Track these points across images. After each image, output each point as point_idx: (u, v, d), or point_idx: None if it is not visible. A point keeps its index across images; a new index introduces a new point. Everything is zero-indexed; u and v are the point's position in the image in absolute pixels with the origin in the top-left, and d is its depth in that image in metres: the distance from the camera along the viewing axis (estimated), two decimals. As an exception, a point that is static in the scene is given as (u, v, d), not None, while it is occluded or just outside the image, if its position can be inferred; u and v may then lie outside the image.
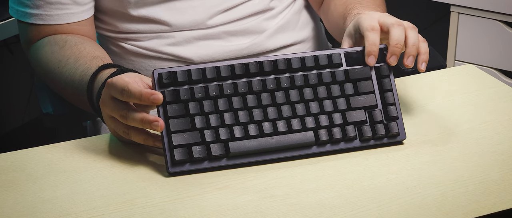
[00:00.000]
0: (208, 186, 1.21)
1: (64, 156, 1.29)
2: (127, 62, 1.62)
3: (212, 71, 1.27)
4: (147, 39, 1.60)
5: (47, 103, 1.58)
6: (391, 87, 1.32)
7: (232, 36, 1.62)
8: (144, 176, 1.24)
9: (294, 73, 1.30)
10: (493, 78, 1.50)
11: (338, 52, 1.32)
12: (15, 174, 1.25)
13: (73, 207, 1.17)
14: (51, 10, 1.52)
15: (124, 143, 1.31)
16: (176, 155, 1.23)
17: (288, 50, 1.67)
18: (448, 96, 1.44)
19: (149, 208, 1.17)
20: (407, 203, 1.17)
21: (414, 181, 1.21)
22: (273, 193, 1.19)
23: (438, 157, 1.27)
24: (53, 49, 1.50)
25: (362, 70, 1.32)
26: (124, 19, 1.59)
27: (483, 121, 1.37)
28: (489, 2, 2.47)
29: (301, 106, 1.28)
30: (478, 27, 2.53)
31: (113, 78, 1.26)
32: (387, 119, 1.31)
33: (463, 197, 1.18)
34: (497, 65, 2.56)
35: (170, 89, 1.25)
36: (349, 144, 1.29)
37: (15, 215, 1.16)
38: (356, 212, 1.15)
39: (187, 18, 1.58)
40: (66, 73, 1.45)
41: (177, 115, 1.25)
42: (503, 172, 1.23)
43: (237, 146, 1.25)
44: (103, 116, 1.30)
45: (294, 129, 1.27)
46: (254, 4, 1.63)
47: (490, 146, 1.30)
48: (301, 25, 1.69)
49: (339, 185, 1.21)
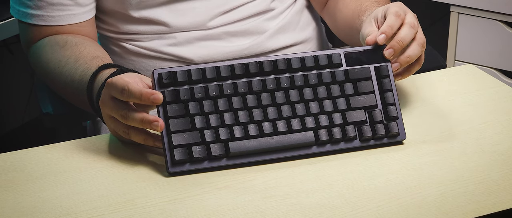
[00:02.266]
0: (208, 186, 1.21)
1: (64, 156, 1.29)
2: (128, 62, 1.62)
3: (212, 71, 1.27)
4: (148, 40, 1.60)
5: (47, 103, 1.58)
6: (391, 87, 1.32)
7: (233, 36, 1.62)
8: (144, 176, 1.24)
9: (294, 73, 1.30)
10: (493, 78, 1.50)
11: (338, 52, 1.32)
12: (15, 174, 1.25)
13: (73, 207, 1.17)
14: (52, 11, 1.52)
15: (124, 143, 1.31)
16: (176, 155, 1.23)
17: (289, 50, 1.67)
18: (448, 96, 1.44)
19: (149, 208, 1.17)
20: (407, 203, 1.17)
21: (414, 181, 1.21)
22: (273, 193, 1.19)
23: (438, 157, 1.27)
24: (53, 49, 1.50)
25: (362, 70, 1.32)
26: (125, 20, 1.59)
27: (483, 121, 1.37)
28: (489, 2, 2.47)
29: (301, 106, 1.28)
30: (478, 27, 2.53)
31: (113, 78, 1.26)
32: (387, 119, 1.31)
33: (463, 197, 1.18)
34: (497, 65, 2.56)
35: (170, 89, 1.25)
36: (349, 144, 1.29)
37: (15, 215, 1.16)
38: (356, 212, 1.15)
39: (188, 19, 1.58)
40: (66, 73, 1.45)
41: (177, 115, 1.25)
42: (503, 172, 1.23)
43: (237, 146, 1.25)
44: (103, 116, 1.30)
45: (294, 129, 1.27)
46: (255, 5, 1.62)
47: (490, 146, 1.30)
48: (302, 26, 1.69)
49: (339, 185, 1.21)
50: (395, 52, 1.31)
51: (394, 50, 1.31)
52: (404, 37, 1.31)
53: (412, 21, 1.33)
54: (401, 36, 1.31)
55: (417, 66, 1.35)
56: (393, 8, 1.34)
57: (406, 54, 1.32)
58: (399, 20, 1.33)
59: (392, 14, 1.33)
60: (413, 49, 1.32)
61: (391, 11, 1.34)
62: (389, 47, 1.31)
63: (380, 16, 1.36)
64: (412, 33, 1.32)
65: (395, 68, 1.32)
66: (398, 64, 1.32)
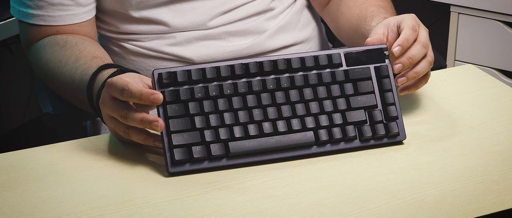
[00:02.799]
0: (208, 186, 1.21)
1: (64, 156, 1.29)
2: (128, 62, 1.62)
3: (212, 71, 1.27)
4: (148, 40, 1.60)
5: (47, 104, 1.58)
6: (391, 87, 1.32)
7: (233, 36, 1.62)
8: (144, 176, 1.24)
9: (294, 73, 1.30)
10: (493, 78, 1.50)
11: (338, 53, 1.32)
12: (15, 174, 1.25)
13: (73, 207, 1.17)
14: (52, 11, 1.52)
15: (124, 143, 1.31)
16: (176, 155, 1.23)
17: (289, 50, 1.67)
18: (448, 96, 1.44)
19: (149, 208, 1.17)
20: (407, 203, 1.17)
21: (414, 181, 1.21)
22: (273, 193, 1.19)
23: (438, 157, 1.27)
24: (53, 49, 1.50)
25: (362, 71, 1.32)
26: (125, 20, 1.59)
27: (483, 121, 1.37)
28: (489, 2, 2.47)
29: (301, 107, 1.28)
30: (478, 27, 2.53)
31: (113, 78, 1.26)
32: (387, 119, 1.31)
33: (463, 197, 1.18)
34: (497, 65, 2.56)
35: (170, 89, 1.25)
36: (349, 144, 1.29)
37: (15, 215, 1.16)
38: (356, 212, 1.15)
39: (188, 19, 1.58)
40: (66, 73, 1.45)
41: (177, 115, 1.25)
42: (503, 172, 1.23)
43: (237, 146, 1.25)
44: (103, 116, 1.30)
45: (294, 129, 1.27)
46: (254, 4, 1.62)
47: (490, 146, 1.30)
48: (302, 26, 1.69)
49: (339, 185, 1.21)
50: (403, 68, 1.31)
51: (403, 66, 1.31)
52: (415, 55, 1.32)
53: (425, 40, 1.34)
54: (412, 53, 1.31)
55: (423, 82, 1.35)
56: (409, 21, 1.34)
57: (415, 71, 1.33)
58: (415, 34, 1.33)
59: (409, 28, 1.33)
60: (422, 66, 1.33)
61: (408, 24, 1.34)
62: (398, 62, 1.31)
63: (392, 25, 1.36)
64: (423, 52, 1.33)
65: (402, 82, 1.32)
66: (405, 79, 1.32)
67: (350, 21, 1.57)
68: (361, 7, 1.55)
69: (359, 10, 1.55)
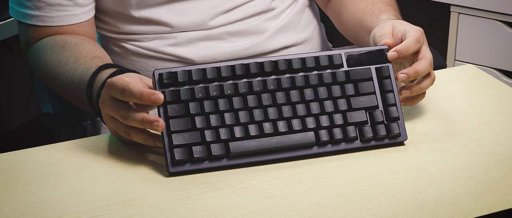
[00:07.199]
0: (208, 186, 1.21)
1: (64, 156, 1.29)
2: (128, 63, 1.62)
3: (212, 71, 1.27)
4: (148, 40, 1.60)
5: (47, 103, 1.58)
6: (392, 88, 1.32)
7: (233, 36, 1.62)
8: (144, 176, 1.24)
9: (295, 73, 1.30)
10: (493, 78, 1.50)
11: (339, 53, 1.32)
12: (15, 174, 1.25)
13: (73, 207, 1.17)
14: (51, 11, 1.52)
15: (124, 143, 1.31)
16: (176, 155, 1.23)
17: (289, 50, 1.66)
18: (448, 96, 1.44)
19: (149, 208, 1.17)
20: (407, 203, 1.17)
21: (414, 181, 1.21)
22: (273, 193, 1.19)
23: (438, 157, 1.27)
24: (53, 49, 1.50)
25: (363, 71, 1.32)
26: (126, 20, 1.58)
27: (483, 121, 1.37)
28: (489, 2, 2.47)
29: (301, 107, 1.28)
30: (478, 27, 2.53)
31: (113, 78, 1.26)
32: (388, 120, 1.31)
33: (463, 197, 1.18)
34: (497, 65, 2.56)
35: (170, 89, 1.25)
36: (350, 144, 1.29)
37: (15, 215, 1.16)
38: (356, 212, 1.15)
39: (188, 19, 1.58)
40: (66, 73, 1.45)
41: (177, 115, 1.25)
42: (503, 172, 1.23)
43: (237, 146, 1.25)
44: (103, 116, 1.30)
45: (294, 129, 1.27)
46: (255, 4, 1.62)
47: (490, 146, 1.30)
48: (303, 26, 1.69)
49: (339, 185, 1.21)
50: (407, 79, 1.33)
51: (408, 77, 1.32)
52: (420, 70, 1.33)
53: (431, 59, 1.35)
54: (418, 68, 1.33)
55: (421, 98, 1.37)
56: (415, 33, 1.35)
57: (420, 86, 1.34)
58: (417, 46, 1.34)
59: (413, 38, 1.34)
60: (426, 83, 1.34)
61: (413, 35, 1.35)
62: (404, 73, 1.32)
63: (398, 32, 1.37)
64: (429, 69, 1.34)
65: (405, 94, 1.33)
66: (409, 91, 1.33)
67: (354, 16, 1.58)
68: (367, 2, 1.56)
69: (364, 5, 1.56)
